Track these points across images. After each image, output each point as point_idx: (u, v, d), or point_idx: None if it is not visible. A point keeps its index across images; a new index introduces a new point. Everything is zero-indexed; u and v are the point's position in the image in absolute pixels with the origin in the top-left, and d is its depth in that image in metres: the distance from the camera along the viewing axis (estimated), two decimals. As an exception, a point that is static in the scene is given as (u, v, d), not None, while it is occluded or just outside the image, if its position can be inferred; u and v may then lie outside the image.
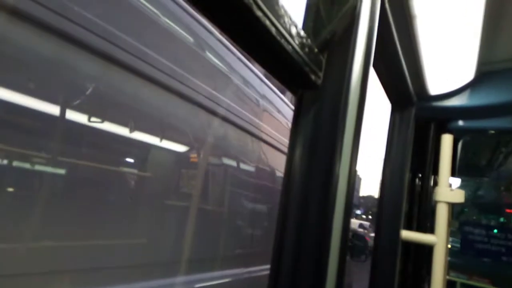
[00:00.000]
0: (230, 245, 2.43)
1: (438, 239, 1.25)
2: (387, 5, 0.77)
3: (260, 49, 0.49)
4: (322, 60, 0.58)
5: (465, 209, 6.47)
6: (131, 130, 1.62)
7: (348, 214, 0.63)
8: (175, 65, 1.75)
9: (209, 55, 2.10)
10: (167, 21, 1.77)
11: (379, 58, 1.00)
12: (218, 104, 2.09)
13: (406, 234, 1.34)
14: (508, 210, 6.01)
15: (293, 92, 0.60)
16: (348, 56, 0.59)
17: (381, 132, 1.54)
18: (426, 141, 1.47)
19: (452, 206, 1.35)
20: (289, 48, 0.48)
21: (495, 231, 4.15)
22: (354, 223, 19.62)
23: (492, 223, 7.38)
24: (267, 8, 0.42)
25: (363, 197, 48.86)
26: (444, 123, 1.41)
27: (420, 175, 1.54)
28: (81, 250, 1.41)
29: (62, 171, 1.37)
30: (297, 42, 0.49)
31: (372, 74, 1.14)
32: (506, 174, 3.55)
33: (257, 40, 0.47)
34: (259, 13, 0.41)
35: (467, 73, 1.30)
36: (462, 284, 4.64)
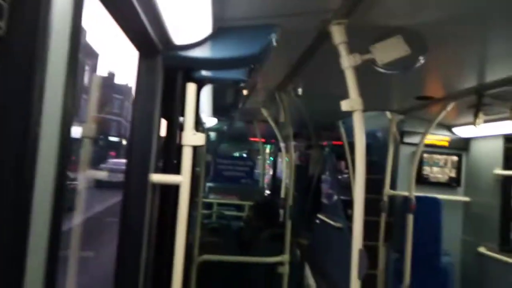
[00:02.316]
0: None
1: (183, 179, 1.40)
2: None
3: None
4: (3, 5, 0.46)
5: (221, 142, 7.62)
6: None
7: (61, 177, 0.58)
8: None
9: None
10: None
11: (114, 6, 0.93)
12: None
13: (156, 177, 1.42)
14: (251, 139, 7.48)
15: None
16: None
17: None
18: (174, 89, 1.55)
19: (195, 148, 1.52)
20: None
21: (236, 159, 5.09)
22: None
23: (241, 151, 9.06)
24: None
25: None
26: (189, 72, 1.52)
27: (170, 121, 1.64)
28: None
29: None
30: None
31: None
32: (245, 111, 4.33)
33: None
34: None
35: (206, 27, 1.42)
36: (218, 204, 5.63)
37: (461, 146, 3.96)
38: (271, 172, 9.02)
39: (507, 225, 3.51)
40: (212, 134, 7.26)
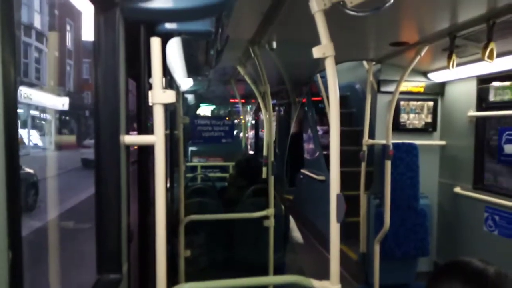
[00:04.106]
0: None
1: (157, 138, 1.36)
2: None
3: None
4: None
5: (199, 105, 7.49)
6: None
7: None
8: None
9: None
10: None
11: None
12: None
13: (128, 138, 1.39)
14: (231, 100, 7.40)
15: None
16: None
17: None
18: (138, 44, 1.47)
19: (166, 106, 1.47)
20: None
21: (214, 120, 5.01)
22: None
23: (222, 112, 8.98)
24: None
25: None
26: (151, 26, 1.43)
27: (139, 81, 1.57)
28: None
29: None
30: None
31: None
32: (222, 70, 4.22)
33: None
34: None
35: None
36: (202, 167, 5.65)
37: (437, 91, 4.00)
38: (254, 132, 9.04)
39: (481, 165, 3.66)
40: (191, 97, 7.12)
